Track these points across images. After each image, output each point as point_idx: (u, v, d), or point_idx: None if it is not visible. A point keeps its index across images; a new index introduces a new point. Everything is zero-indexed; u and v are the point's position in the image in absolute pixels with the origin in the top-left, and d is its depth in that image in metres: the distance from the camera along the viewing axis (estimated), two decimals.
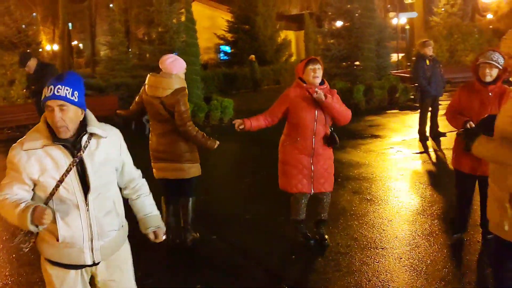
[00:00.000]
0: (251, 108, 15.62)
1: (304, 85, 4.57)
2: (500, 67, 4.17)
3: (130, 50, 19.34)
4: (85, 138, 2.53)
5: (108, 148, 2.64)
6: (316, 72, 4.50)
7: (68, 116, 2.44)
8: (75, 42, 48.72)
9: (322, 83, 4.61)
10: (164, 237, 2.87)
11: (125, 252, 2.89)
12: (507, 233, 2.75)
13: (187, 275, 4.49)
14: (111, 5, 31.76)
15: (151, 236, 2.86)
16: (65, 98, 2.41)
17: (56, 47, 25.48)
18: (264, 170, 7.84)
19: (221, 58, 28.09)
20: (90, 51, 40.61)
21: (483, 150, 2.75)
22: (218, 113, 13.05)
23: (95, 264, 2.67)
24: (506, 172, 2.68)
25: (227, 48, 27.20)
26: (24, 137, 2.51)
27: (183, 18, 15.69)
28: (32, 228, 2.39)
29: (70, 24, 39.39)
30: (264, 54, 25.17)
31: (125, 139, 2.82)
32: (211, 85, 19.16)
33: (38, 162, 2.45)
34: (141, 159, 3.31)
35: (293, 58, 29.02)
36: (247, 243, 5.13)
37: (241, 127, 4.66)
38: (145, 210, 2.88)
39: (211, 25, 27.17)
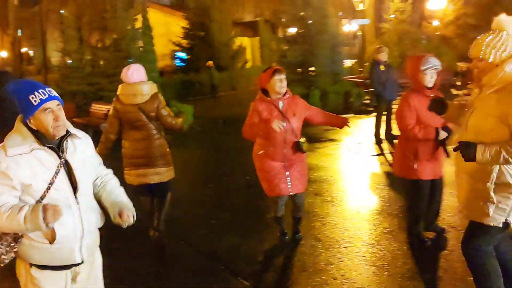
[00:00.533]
0: (210, 115, 15.70)
1: (268, 98, 4.67)
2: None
3: (85, 57, 18.99)
4: (69, 139, 2.62)
5: (84, 148, 2.74)
6: (282, 83, 4.62)
7: (64, 115, 2.57)
8: (24, 49, 47.32)
9: (285, 92, 4.74)
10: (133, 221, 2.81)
11: (99, 258, 2.94)
12: (491, 218, 3.09)
13: (156, 279, 4.52)
14: (62, 11, 31.07)
15: (124, 218, 2.74)
16: (59, 98, 2.54)
17: (4, 54, 24.65)
18: (226, 176, 7.93)
19: (177, 64, 28.01)
20: (41, 58, 39.54)
21: (487, 158, 2.91)
22: (178, 121, 13.00)
23: (82, 262, 2.72)
24: (491, 169, 3.02)
25: (182, 55, 27.14)
26: (4, 143, 2.51)
27: (138, 25, 15.61)
28: (44, 227, 2.42)
29: (19, 31, 38.29)
30: (220, 60, 25.25)
31: None
32: (168, 91, 19.07)
33: (29, 166, 2.48)
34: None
35: (249, 65, 29.24)
36: (214, 247, 5.19)
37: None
38: (117, 194, 2.89)
39: (166, 31, 27.04)
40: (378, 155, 8.86)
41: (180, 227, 5.81)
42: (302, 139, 4.80)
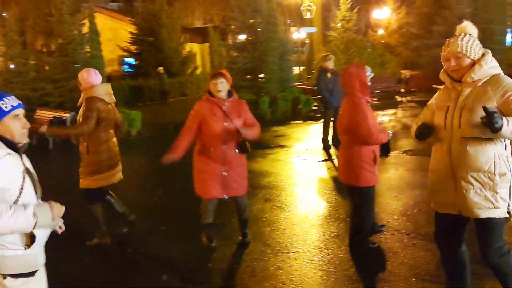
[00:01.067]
0: (159, 121, 15.55)
1: (213, 99, 4.81)
2: None
3: (29, 62, 18.45)
4: (26, 144, 2.66)
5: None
6: (217, 86, 4.75)
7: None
8: None
9: (230, 95, 4.86)
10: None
11: None
12: (493, 210, 3.14)
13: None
14: (4, 14, 30.03)
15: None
16: (24, 106, 2.63)
17: None
18: (175, 182, 7.89)
19: (125, 70, 27.61)
20: None
21: (510, 130, 2.91)
22: (125, 125, 12.83)
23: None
24: (485, 154, 3.08)
25: (131, 60, 26.78)
26: None
27: (85, 30, 15.33)
28: (51, 224, 2.53)
29: None
30: (170, 66, 25.08)
31: (28, 155, 2.81)
32: (116, 97, 18.73)
33: (6, 170, 2.46)
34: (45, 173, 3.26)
35: (199, 71, 29.17)
36: (163, 254, 5.16)
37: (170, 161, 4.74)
38: None
39: (114, 36, 26.61)
40: (325, 160, 9.04)
41: (129, 234, 5.73)
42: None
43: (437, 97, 3.47)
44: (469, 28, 3.31)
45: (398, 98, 17.67)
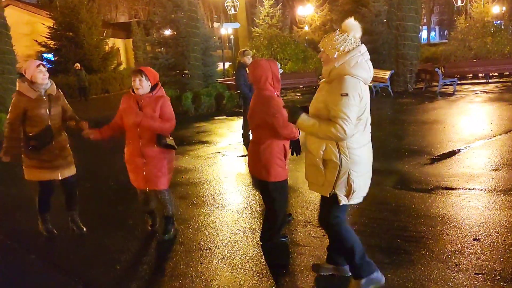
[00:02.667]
0: (80, 118, 14.94)
1: (132, 94, 4.95)
2: None
3: None
4: None
5: None
6: (135, 82, 4.86)
7: None
8: None
9: (154, 88, 4.95)
10: None
11: None
12: (323, 188, 3.58)
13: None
14: None
15: None
16: None
17: None
18: (91, 180, 7.61)
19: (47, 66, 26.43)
20: None
21: (305, 126, 3.45)
22: None
23: None
24: (320, 144, 3.47)
25: (50, 56, 25.66)
26: None
27: None
28: None
29: None
30: (91, 62, 24.33)
31: None
32: None
33: None
34: None
35: (122, 67, 28.44)
36: (69, 259, 4.95)
37: (92, 136, 5.11)
38: None
39: (31, 31, 25.43)
40: (245, 155, 9.03)
41: (30, 238, 5.45)
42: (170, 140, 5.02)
43: None
44: (351, 26, 3.55)
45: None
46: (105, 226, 5.83)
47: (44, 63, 5.24)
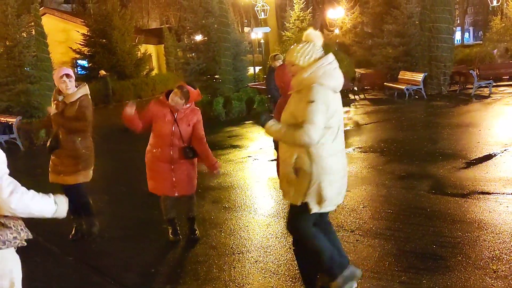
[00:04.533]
0: (110, 123, 15.20)
1: (167, 102, 4.98)
2: None
3: None
4: None
5: None
6: (173, 101, 4.92)
7: None
8: None
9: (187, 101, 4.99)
10: None
11: None
12: (294, 197, 3.56)
13: None
14: None
15: None
16: None
17: None
18: (122, 186, 7.74)
19: (79, 72, 27.00)
20: None
21: (273, 130, 3.53)
22: None
23: None
24: (292, 152, 3.46)
25: (84, 63, 26.22)
26: None
27: (33, 32, 14.89)
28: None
29: None
30: (123, 68, 24.73)
31: None
32: None
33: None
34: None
35: (154, 72, 28.80)
36: (105, 261, 5.03)
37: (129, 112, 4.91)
38: None
39: (66, 38, 26.02)
40: (276, 159, 9.02)
41: (67, 241, 5.57)
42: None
43: None
44: (313, 36, 3.55)
45: (351, 96, 17.89)
46: (140, 230, 5.90)
47: (69, 71, 5.24)
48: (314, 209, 3.51)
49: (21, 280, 3.12)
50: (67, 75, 5.16)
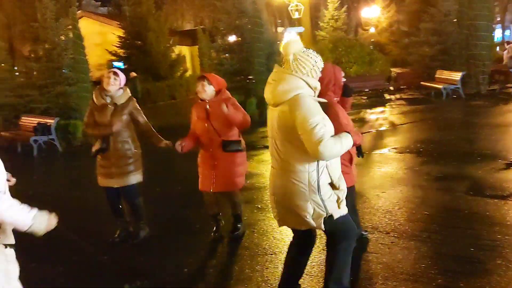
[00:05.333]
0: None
1: (199, 101, 5.17)
2: None
3: (15, 68, 18.30)
4: None
5: None
6: (198, 88, 5.07)
7: None
8: None
9: (218, 93, 5.11)
10: None
11: None
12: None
13: None
14: None
15: None
16: None
17: None
18: (158, 186, 7.83)
19: None
20: None
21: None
22: None
23: None
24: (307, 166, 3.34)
25: (120, 64, 26.67)
26: None
27: (71, 34, 15.22)
28: (43, 230, 2.84)
29: None
30: (158, 69, 25.05)
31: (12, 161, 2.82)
32: None
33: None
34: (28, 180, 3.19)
35: (188, 73, 29.07)
36: (139, 262, 5.10)
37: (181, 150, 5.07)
38: None
39: (103, 41, 26.53)
40: None
41: (104, 241, 5.67)
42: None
43: None
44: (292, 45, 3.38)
45: (387, 96, 17.64)
46: (173, 230, 5.95)
47: (118, 71, 5.33)
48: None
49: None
50: (115, 73, 5.24)
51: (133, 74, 21.71)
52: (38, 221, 2.78)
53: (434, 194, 6.28)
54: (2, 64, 15.41)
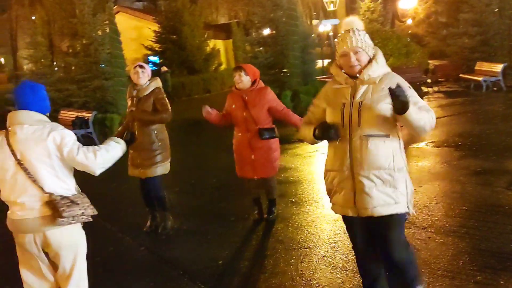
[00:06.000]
0: (182, 117, 15.55)
1: (236, 90, 5.39)
2: None
3: (55, 63, 18.73)
4: None
5: None
6: (235, 78, 5.28)
7: None
8: None
9: (254, 83, 5.29)
10: None
11: None
12: (398, 205, 3.07)
13: (113, 285, 4.46)
14: (33, 17, 30.60)
15: None
16: None
17: None
18: (193, 179, 7.90)
19: (151, 68, 27.81)
20: (12, 66, 38.97)
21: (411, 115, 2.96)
22: None
23: None
24: (387, 152, 3.07)
25: (155, 59, 26.95)
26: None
27: (108, 30, 15.48)
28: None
29: None
30: (193, 63, 25.19)
31: None
32: None
33: None
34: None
35: (223, 67, 29.14)
36: (173, 252, 5.16)
37: (206, 115, 5.35)
38: None
39: (138, 35, 26.82)
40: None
41: (139, 232, 5.76)
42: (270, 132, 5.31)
43: (327, 94, 3.30)
44: (356, 23, 3.18)
45: (425, 89, 17.26)
46: (208, 222, 5.99)
47: (143, 64, 5.44)
48: (411, 211, 3.17)
49: (85, 254, 3.46)
50: (141, 66, 5.35)
51: (164, 68, 21.91)
52: (122, 143, 3.53)
53: (472, 189, 6.12)
54: (42, 60, 15.73)
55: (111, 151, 3.39)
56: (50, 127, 3.20)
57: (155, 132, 5.37)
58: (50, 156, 3.13)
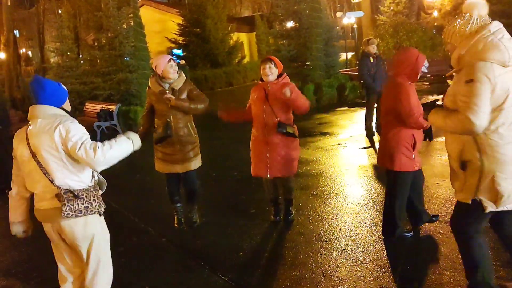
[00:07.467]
0: None
1: (260, 82, 5.24)
2: None
3: (81, 56, 19.00)
4: None
5: None
6: (265, 70, 5.08)
7: None
8: (23, 50, 47.41)
9: (279, 76, 5.15)
10: None
11: None
12: (463, 194, 3.22)
13: (134, 275, 4.53)
14: (60, 11, 31.06)
15: None
16: None
17: (2, 55, 24.47)
18: (214, 171, 7.94)
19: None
20: (39, 59, 39.65)
21: (433, 118, 3.21)
22: None
23: None
24: (458, 144, 3.17)
25: (179, 52, 27.09)
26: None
27: (132, 23, 15.62)
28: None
29: (17, 32, 38.34)
30: (216, 56, 25.25)
31: None
32: None
33: None
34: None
35: (246, 60, 29.14)
36: (194, 243, 5.21)
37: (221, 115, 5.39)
38: None
39: (162, 28, 26.98)
40: (367, 147, 8.82)
41: (162, 223, 5.83)
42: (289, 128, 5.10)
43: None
44: (474, 5, 3.11)
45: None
46: (228, 214, 6.03)
47: (173, 57, 5.41)
48: (490, 207, 3.11)
49: (107, 244, 3.53)
50: (172, 59, 5.20)
51: (183, 61, 22.00)
52: (132, 136, 3.48)
53: None
54: (68, 53, 15.98)
55: (116, 148, 3.30)
56: (59, 120, 3.21)
57: (190, 125, 5.33)
58: (57, 149, 3.16)
